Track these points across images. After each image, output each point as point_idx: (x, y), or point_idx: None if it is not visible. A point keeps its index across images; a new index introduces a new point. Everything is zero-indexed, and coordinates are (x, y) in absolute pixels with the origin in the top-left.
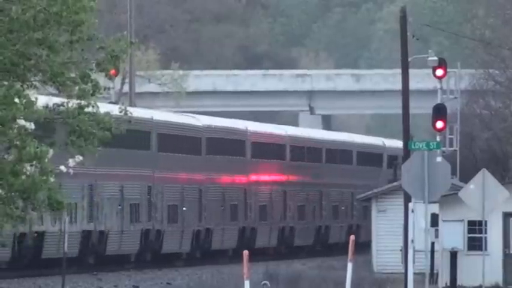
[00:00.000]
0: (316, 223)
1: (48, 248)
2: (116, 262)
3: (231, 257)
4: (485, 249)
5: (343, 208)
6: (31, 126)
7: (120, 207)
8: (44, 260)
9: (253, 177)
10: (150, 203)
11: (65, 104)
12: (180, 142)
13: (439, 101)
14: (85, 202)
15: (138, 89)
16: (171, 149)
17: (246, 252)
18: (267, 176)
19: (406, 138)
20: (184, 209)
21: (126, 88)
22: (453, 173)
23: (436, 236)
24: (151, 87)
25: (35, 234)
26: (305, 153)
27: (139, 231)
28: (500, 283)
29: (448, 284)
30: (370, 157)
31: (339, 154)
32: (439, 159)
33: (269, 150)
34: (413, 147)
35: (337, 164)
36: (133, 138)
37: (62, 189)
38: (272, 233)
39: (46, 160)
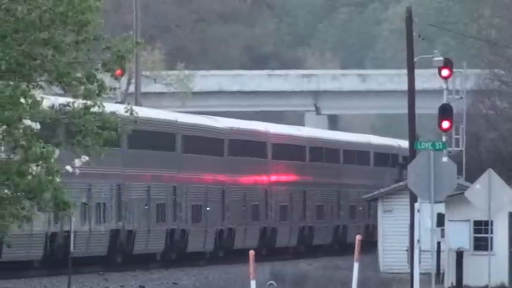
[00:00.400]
0: (334, 223)
1: (78, 247)
2: (142, 261)
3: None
4: (491, 249)
5: (360, 208)
6: (37, 126)
7: (146, 207)
8: (74, 259)
9: (274, 178)
10: (175, 203)
11: (71, 104)
12: (203, 144)
13: (444, 101)
14: (113, 202)
15: (144, 89)
16: (195, 151)
17: (252, 253)
18: (287, 177)
19: (412, 138)
20: (208, 209)
21: (132, 88)
22: (459, 173)
23: (442, 236)
24: (157, 88)
25: (65, 234)
26: (323, 154)
27: (164, 231)
28: (506, 283)
29: (454, 284)
30: (386, 158)
31: (356, 155)
32: (445, 159)
33: (289, 151)
34: (419, 147)
35: (354, 164)
36: (159, 140)
37: (91, 189)
38: (292, 233)
39: (52, 160)
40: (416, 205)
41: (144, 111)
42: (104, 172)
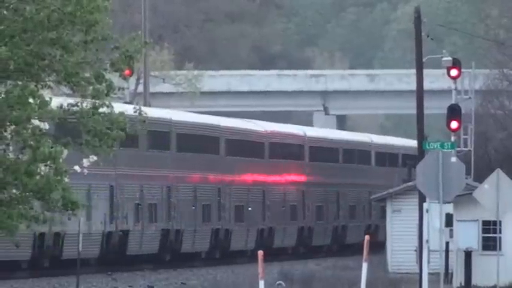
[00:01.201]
0: (366, 222)
1: (133, 245)
2: (189, 259)
3: (290, 254)
4: (500, 249)
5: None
6: (45, 126)
7: (193, 207)
8: (129, 257)
9: (310, 179)
10: (219, 203)
11: (79, 104)
12: (245, 147)
13: (453, 101)
14: (163, 203)
15: (152, 89)
16: (238, 154)
17: (260, 253)
18: (322, 178)
19: (421, 138)
20: (249, 209)
21: (140, 88)
22: (467, 173)
23: (451, 236)
24: (166, 88)
25: (120, 233)
26: (356, 156)
27: (210, 230)
28: None
29: (463, 284)
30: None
31: (387, 157)
32: (453, 159)
33: (324, 153)
34: (427, 147)
35: (385, 166)
36: (205, 143)
37: (143, 190)
38: (327, 232)
39: (60, 160)
40: (425, 205)
41: (190, 116)
42: (155, 174)
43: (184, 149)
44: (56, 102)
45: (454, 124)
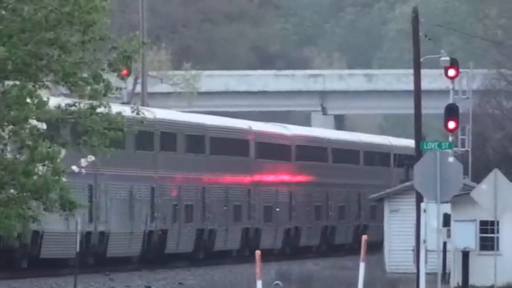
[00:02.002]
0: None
1: (171, 244)
2: (222, 257)
3: (314, 252)
4: (497, 249)
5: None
6: (43, 126)
7: (225, 208)
8: (168, 255)
9: (334, 181)
10: (249, 204)
11: (77, 104)
12: (273, 150)
13: (451, 101)
14: (198, 203)
15: (150, 89)
16: (266, 156)
17: (258, 253)
18: (344, 179)
19: (418, 138)
20: (277, 209)
21: (138, 88)
22: (465, 173)
23: (448, 236)
24: (164, 88)
25: (160, 232)
26: (376, 158)
27: (240, 230)
28: None
29: (460, 284)
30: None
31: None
32: (451, 159)
33: (347, 155)
34: (425, 147)
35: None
36: (235, 146)
37: (181, 191)
38: (349, 231)
39: (58, 160)
40: (423, 205)
41: (222, 121)
42: (191, 176)
43: (217, 152)
44: (53, 102)
45: (451, 124)
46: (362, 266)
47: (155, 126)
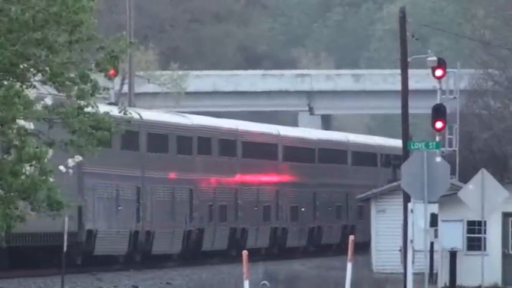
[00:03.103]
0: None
1: (207, 243)
2: (252, 255)
3: (334, 250)
4: (485, 249)
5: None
6: (30, 126)
7: (256, 208)
8: (202, 252)
9: (353, 182)
10: (277, 205)
11: (64, 104)
12: (299, 153)
13: (438, 101)
14: (231, 204)
15: (137, 89)
16: (293, 159)
17: (245, 253)
18: (363, 181)
19: (406, 138)
20: (302, 209)
21: (125, 88)
22: (452, 173)
23: (436, 236)
24: (151, 88)
25: (197, 231)
26: (391, 159)
27: (269, 229)
28: (499, 283)
29: (448, 284)
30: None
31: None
32: (438, 159)
33: (364, 157)
34: (412, 147)
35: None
36: (265, 150)
37: (216, 192)
38: (366, 230)
39: (46, 160)
40: (410, 205)
41: (252, 126)
42: (225, 178)
43: (248, 155)
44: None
45: (439, 124)
46: (349, 266)
47: (193, 131)
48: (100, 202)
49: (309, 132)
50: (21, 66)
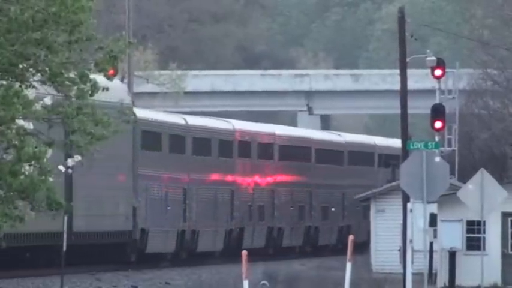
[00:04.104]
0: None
1: (247, 241)
2: (288, 253)
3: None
4: (484, 249)
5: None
6: (30, 126)
7: (291, 208)
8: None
9: (380, 183)
10: (310, 205)
11: (64, 104)
12: (329, 156)
13: (437, 101)
14: (269, 204)
15: (136, 89)
16: (324, 161)
17: (244, 253)
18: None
19: (405, 138)
20: (332, 209)
21: None
22: (452, 173)
23: (435, 236)
24: (150, 88)
25: (238, 230)
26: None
27: (303, 228)
28: (499, 283)
29: (447, 284)
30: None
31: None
32: (437, 159)
33: (389, 160)
34: (411, 147)
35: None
36: (299, 153)
37: (254, 193)
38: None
39: (45, 160)
40: (409, 205)
41: (288, 130)
42: (263, 180)
43: (284, 158)
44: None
45: (438, 124)
46: (348, 266)
47: (234, 136)
48: (151, 202)
49: (337, 134)
50: (20, 66)
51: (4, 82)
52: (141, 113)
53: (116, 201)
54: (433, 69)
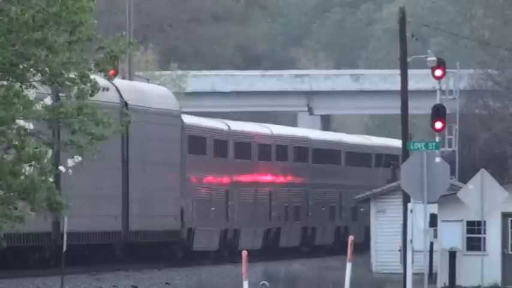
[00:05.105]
0: None
1: (283, 240)
2: (320, 251)
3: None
4: (484, 249)
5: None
6: (30, 126)
7: (323, 208)
8: (280, 249)
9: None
10: (341, 205)
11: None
12: (358, 158)
13: (437, 102)
14: (303, 205)
15: None
16: (353, 163)
17: (244, 253)
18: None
19: (405, 138)
20: (361, 209)
21: None
22: (452, 173)
23: (435, 236)
24: None
25: (275, 229)
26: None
27: (334, 227)
28: (499, 283)
29: (447, 284)
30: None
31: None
32: (438, 159)
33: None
34: (412, 147)
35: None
36: (331, 156)
37: (291, 194)
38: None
39: (45, 160)
40: (409, 205)
41: (320, 134)
42: (298, 182)
43: (317, 161)
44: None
45: (438, 124)
46: (349, 266)
47: (273, 140)
48: (197, 203)
49: (366, 137)
50: (21, 66)
51: (5, 82)
52: (187, 119)
53: (166, 202)
54: (433, 69)
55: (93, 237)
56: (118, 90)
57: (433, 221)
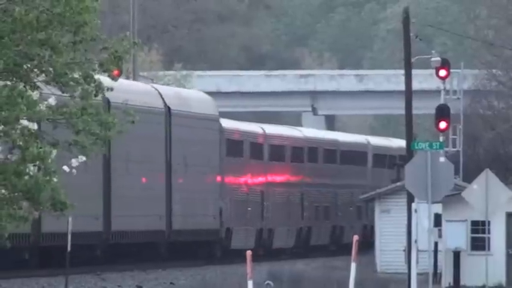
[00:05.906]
0: None
1: (314, 238)
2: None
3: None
4: (489, 249)
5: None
6: (34, 126)
7: (351, 208)
8: (311, 247)
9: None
10: (367, 205)
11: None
12: (384, 160)
13: (442, 102)
14: (332, 205)
15: None
16: (378, 165)
17: (249, 253)
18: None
19: (409, 138)
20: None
21: None
22: (456, 173)
23: (440, 236)
24: None
25: (307, 228)
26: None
27: (361, 226)
28: (504, 283)
29: (452, 284)
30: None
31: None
32: (442, 159)
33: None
34: (416, 147)
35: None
36: (357, 157)
37: (320, 194)
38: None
39: (49, 160)
40: (414, 205)
41: (345, 136)
42: (327, 183)
43: (344, 162)
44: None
45: (442, 124)
46: (353, 266)
47: (304, 143)
48: (235, 204)
49: (390, 140)
50: (25, 67)
51: (9, 82)
52: (225, 123)
53: (206, 202)
54: (437, 69)
55: (139, 236)
56: (161, 96)
57: (437, 220)
